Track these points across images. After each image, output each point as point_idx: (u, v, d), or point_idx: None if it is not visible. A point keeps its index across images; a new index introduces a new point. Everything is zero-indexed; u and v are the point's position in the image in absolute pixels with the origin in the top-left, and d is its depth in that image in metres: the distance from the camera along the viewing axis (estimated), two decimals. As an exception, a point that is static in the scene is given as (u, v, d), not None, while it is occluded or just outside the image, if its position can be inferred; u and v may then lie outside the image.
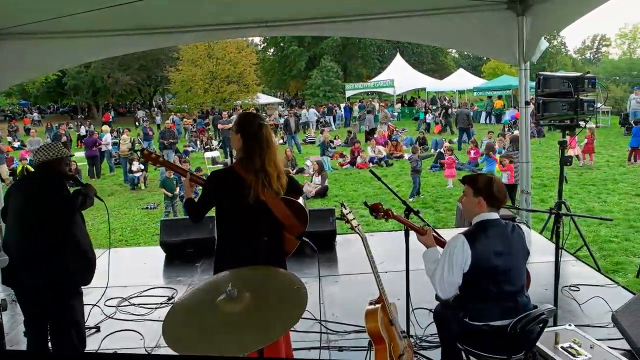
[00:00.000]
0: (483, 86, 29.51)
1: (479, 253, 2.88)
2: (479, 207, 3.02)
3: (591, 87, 6.00)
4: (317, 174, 11.78)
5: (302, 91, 47.02)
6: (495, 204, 3.02)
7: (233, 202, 3.11)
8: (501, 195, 3.01)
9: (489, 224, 2.99)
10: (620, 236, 7.41)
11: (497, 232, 2.98)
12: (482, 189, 3.01)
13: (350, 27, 6.76)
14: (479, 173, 3.26)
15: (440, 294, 2.98)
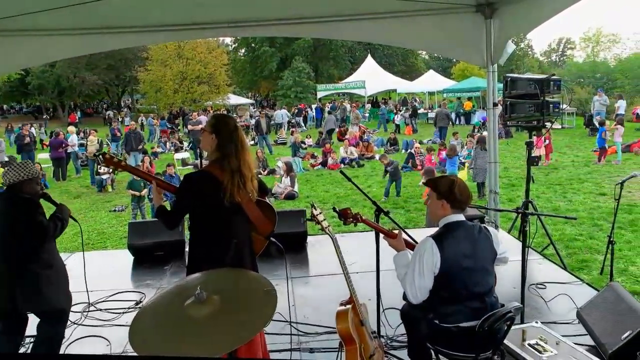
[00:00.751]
0: (453, 87, 29.92)
1: (448, 255, 2.89)
2: (443, 209, 3.04)
3: (556, 88, 6.13)
4: (286, 175, 11.73)
5: (273, 92, 46.83)
6: (458, 206, 3.03)
7: (208, 204, 3.09)
8: (464, 197, 3.02)
9: (456, 225, 3.01)
10: (585, 234, 7.59)
11: (464, 234, 3.00)
12: (444, 192, 3.02)
13: (321, 28, 6.76)
14: (441, 176, 3.28)
15: (412, 299, 2.97)
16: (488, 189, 6.41)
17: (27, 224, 3.44)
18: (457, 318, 2.93)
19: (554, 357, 3.29)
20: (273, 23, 6.34)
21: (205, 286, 2.23)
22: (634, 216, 8.46)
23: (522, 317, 3.96)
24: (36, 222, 3.46)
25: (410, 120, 25.48)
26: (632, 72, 30.11)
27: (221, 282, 2.49)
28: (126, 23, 6.09)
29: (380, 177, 13.25)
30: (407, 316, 3.24)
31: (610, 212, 5.95)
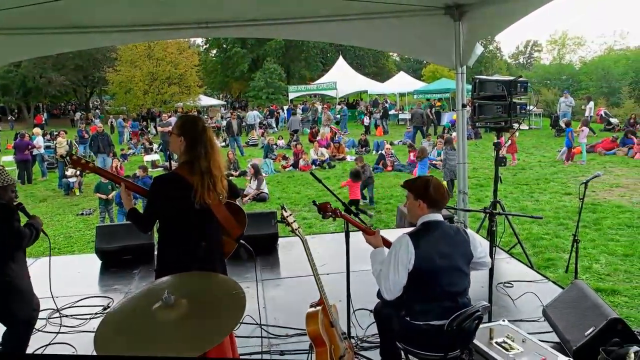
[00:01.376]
0: (423, 89, 30.24)
1: (423, 253, 2.92)
2: (420, 209, 3.08)
3: (523, 90, 6.26)
4: (254, 177, 11.64)
5: (244, 93, 46.59)
6: (435, 205, 3.07)
7: (178, 207, 3.05)
8: (439, 196, 3.06)
9: (434, 225, 3.05)
10: (551, 233, 7.75)
11: (442, 234, 3.03)
12: (420, 193, 3.07)
13: (293, 30, 6.75)
14: (417, 177, 3.32)
15: (386, 295, 2.99)
16: (457, 189, 6.49)
17: (2, 229, 3.35)
18: (428, 316, 2.96)
19: (520, 355, 3.34)
20: (244, 24, 6.29)
21: (173, 290, 2.20)
22: (598, 215, 8.70)
23: (490, 316, 4.02)
24: (13, 228, 3.37)
25: (381, 121, 25.68)
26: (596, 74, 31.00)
27: (190, 286, 2.47)
28: (94, 23, 5.95)
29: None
30: (379, 314, 3.26)
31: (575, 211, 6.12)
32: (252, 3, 5.81)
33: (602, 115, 22.08)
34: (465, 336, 2.99)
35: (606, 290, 5.59)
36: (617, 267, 6.28)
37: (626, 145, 15.79)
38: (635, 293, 5.52)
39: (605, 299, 5.26)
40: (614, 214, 8.76)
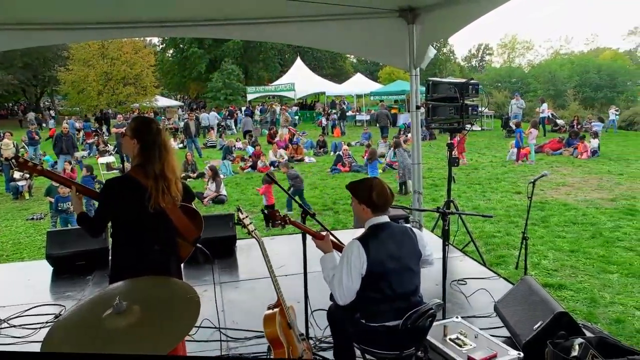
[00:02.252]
0: (379, 90, 30.68)
1: (374, 256, 2.94)
2: (365, 213, 3.10)
3: (475, 92, 6.45)
4: (212, 180, 11.51)
5: (202, 94, 46.00)
6: (379, 210, 3.08)
7: (132, 211, 2.99)
8: (382, 200, 3.06)
9: (381, 227, 3.07)
10: (503, 231, 8.01)
11: (389, 235, 3.05)
12: (362, 198, 3.08)
13: (251, 30, 6.69)
14: (361, 179, 3.33)
15: (340, 301, 2.99)
16: (412, 189, 6.62)
17: None
18: (383, 318, 2.98)
19: (473, 350, 3.43)
20: (202, 24, 6.20)
21: (126, 296, 2.16)
22: (546, 213, 9.04)
23: (444, 313, 4.11)
24: None
25: (339, 122, 25.88)
26: (543, 77, 32.20)
27: (143, 291, 2.43)
28: (45, 19, 5.71)
29: (309, 180, 13.35)
30: (333, 316, 3.26)
31: (524, 209, 6.35)
32: (209, 3, 5.74)
33: (549, 117, 22.91)
34: (419, 334, 3.05)
35: (554, 285, 5.82)
36: (564, 263, 6.54)
37: (571, 145, 16.57)
38: (580, 287, 5.77)
39: (553, 294, 5.49)
40: (561, 212, 9.13)
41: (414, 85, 6.58)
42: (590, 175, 12.82)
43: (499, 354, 3.40)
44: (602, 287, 5.77)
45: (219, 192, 11.37)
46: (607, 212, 9.09)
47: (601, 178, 12.44)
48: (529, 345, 3.58)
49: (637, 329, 4.77)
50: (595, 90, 29.76)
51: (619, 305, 5.31)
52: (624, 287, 5.77)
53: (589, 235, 7.71)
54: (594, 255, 6.78)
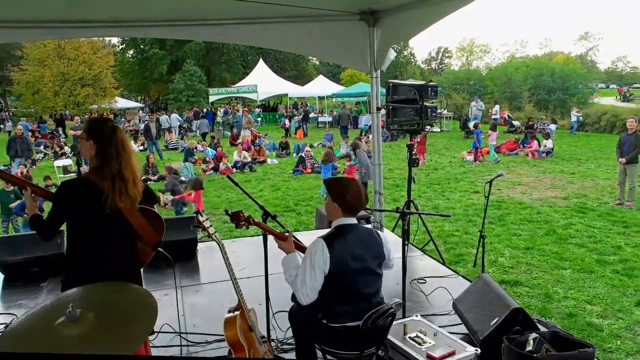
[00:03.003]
0: (341, 92, 30.87)
1: (337, 256, 2.95)
2: (336, 211, 3.11)
3: (434, 94, 6.57)
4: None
5: (164, 95, 45.27)
6: (350, 211, 3.11)
7: (87, 213, 2.91)
8: (356, 202, 3.08)
9: (347, 228, 3.09)
10: (461, 230, 8.19)
11: (355, 237, 3.07)
12: (336, 197, 3.09)
13: (212, 32, 6.61)
14: (341, 178, 3.36)
15: (303, 300, 2.99)
16: (373, 189, 6.68)
17: None
18: (344, 318, 3.00)
19: (432, 348, 3.50)
20: (162, 24, 6.05)
21: (79, 303, 2.10)
22: (503, 211, 9.30)
23: (404, 312, 4.17)
24: None
25: (302, 124, 25.95)
26: (500, 80, 33.05)
27: (98, 297, 2.36)
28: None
29: (272, 182, 13.33)
30: (295, 317, 3.26)
31: (482, 208, 6.49)
32: (170, 3, 5.63)
33: (506, 118, 23.57)
34: (379, 333, 3.09)
35: (510, 281, 5.99)
36: (520, 260, 6.74)
37: (526, 146, 17.13)
38: (535, 283, 5.96)
39: (509, 290, 5.65)
40: (517, 210, 9.41)
41: (375, 88, 6.65)
42: (544, 175, 13.27)
43: (457, 351, 3.47)
44: (555, 283, 5.97)
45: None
46: (560, 210, 9.42)
47: (555, 177, 12.89)
48: (486, 342, 3.65)
49: (588, 323, 4.96)
50: (549, 92, 30.74)
51: (572, 300, 5.51)
52: (576, 282, 5.99)
53: (543, 233, 7.97)
54: (548, 252, 7.02)
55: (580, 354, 3.14)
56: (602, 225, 8.39)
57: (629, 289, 5.77)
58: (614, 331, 4.80)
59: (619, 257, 6.80)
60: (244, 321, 3.19)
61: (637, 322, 4.97)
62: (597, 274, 6.23)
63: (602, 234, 7.90)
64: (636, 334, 4.75)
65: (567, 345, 3.27)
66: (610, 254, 6.96)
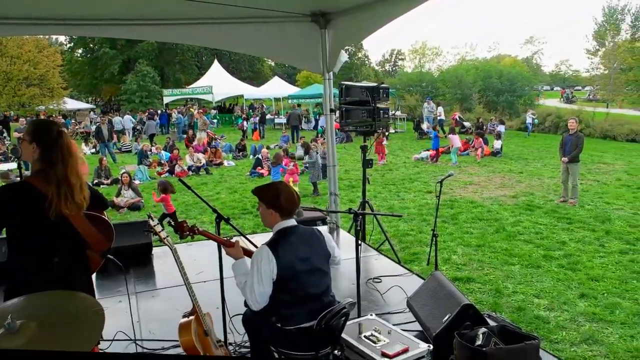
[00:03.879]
0: (297, 94, 30.92)
1: (284, 261, 2.96)
2: (273, 217, 3.11)
3: (386, 96, 6.70)
4: (127, 187, 11.07)
5: (116, 96, 44.14)
6: (287, 213, 3.12)
7: (29, 219, 2.80)
8: (290, 204, 3.10)
9: (289, 231, 3.10)
10: (416, 229, 8.35)
11: (298, 238, 3.09)
12: (270, 202, 3.10)
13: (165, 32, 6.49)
14: (267, 184, 3.36)
15: (253, 306, 3.00)
16: (328, 191, 6.74)
17: None
18: (297, 320, 3.02)
19: (386, 346, 3.57)
20: (112, 23, 5.85)
21: (20, 314, 2.01)
22: (455, 210, 9.55)
23: (359, 311, 4.22)
24: None
25: (258, 125, 25.84)
26: (451, 82, 33.84)
27: (41, 307, 2.24)
28: None
29: (229, 184, 13.22)
30: (249, 321, 3.26)
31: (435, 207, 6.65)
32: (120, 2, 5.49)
33: (457, 119, 24.18)
34: (334, 333, 3.12)
35: (462, 278, 6.16)
36: (472, 257, 6.94)
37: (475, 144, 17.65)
38: (486, 279, 6.15)
39: (462, 287, 5.82)
40: (468, 209, 9.67)
41: (328, 89, 6.71)
42: (494, 174, 13.71)
43: (410, 348, 3.57)
44: (505, 278, 6.18)
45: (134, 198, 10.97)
46: (509, 208, 9.76)
47: (504, 177, 13.34)
48: (438, 338, 3.72)
49: (536, 316, 5.15)
50: (498, 94, 31.72)
51: (520, 294, 5.71)
52: (524, 277, 6.22)
53: (493, 231, 8.23)
54: (498, 249, 7.25)
55: (527, 346, 3.25)
56: (548, 222, 8.73)
57: (573, 282, 6.03)
58: (559, 323, 5.00)
59: (564, 252, 7.10)
60: (199, 326, 3.17)
61: (581, 313, 5.20)
62: (543, 269, 6.48)
63: (548, 230, 8.23)
64: (580, 324, 4.96)
65: (514, 338, 3.38)
66: (555, 249, 7.25)
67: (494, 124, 21.96)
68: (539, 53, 62.24)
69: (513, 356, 3.22)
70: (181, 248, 6.71)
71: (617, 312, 5.20)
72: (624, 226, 8.39)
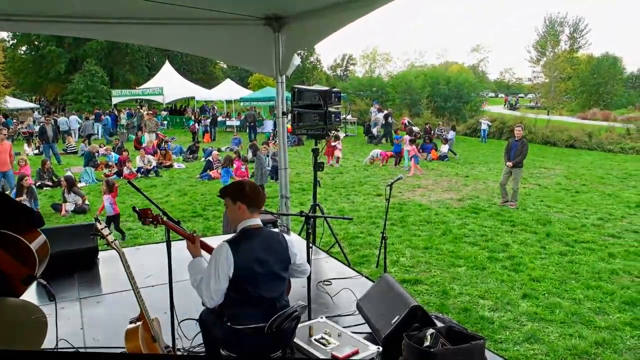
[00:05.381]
0: (249, 97, 30.74)
1: (242, 259, 2.96)
2: (241, 212, 3.10)
3: (337, 100, 6.76)
4: (68, 191, 10.68)
5: (62, 96, 42.52)
6: (255, 204, 3.12)
7: None
8: (257, 195, 3.14)
9: (253, 231, 3.10)
10: (365, 232, 8.47)
11: (260, 240, 3.09)
12: (237, 195, 3.10)
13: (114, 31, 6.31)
14: (230, 183, 3.38)
15: (208, 303, 2.98)
16: (279, 194, 6.74)
17: None
18: (249, 321, 3.01)
19: (336, 348, 3.60)
20: (57, 20, 5.60)
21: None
22: (404, 213, 9.75)
23: (310, 314, 4.24)
24: None
25: (210, 128, 25.55)
26: (400, 87, 34.55)
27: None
28: None
29: (179, 187, 13.01)
30: (203, 321, 3.24)
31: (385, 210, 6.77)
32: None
33: (406, 124, 24.70)
34: (285, 336, 3.13)
35: (410, 280, 6.29)
36: (419, 259, 7.10)
37: (425, 150, 18.18)
38: (434, 281, 6.30)
39: (410, 289, 5.95)
40: (417, 212, 9.90)
41: (280, 93, 6.71)
42: (441, 178, 14.09)
43: (360, 350, 3.60)
44: (452, 280, 6.35)
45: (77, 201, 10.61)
46: (456, 211, 10.05)
47: (451, 180, 13.74)
48: (388, 340, 3.78)
49: (481, 316, 5.32)
50: (445, 100, 32.65)
51: (466, 295, 5.89)
52: (470, 278, 6.41)
53: (440, 233, 8.45)
54: (444, 251, 7.45)
55: (472, 346, 3.35)
56: (492, 224, 9.04)
57: (516, 283, 6.27)
58: (503, 323, 5.19)
59: (508, 254, 7.37)
60: (146, 332, 3.12)
61: (523, 313, 5.41)
62: (488, 270, 6.70)
63: (492, 232, 8.52)
64: (522, 324, 5.17)
65: (460, 338, 3.47)
66: (499, 251, 7.52)
67: (442, 129, 22.55)
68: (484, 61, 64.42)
69: (460, 356, 3.30)
70: (130, 252, 6.53)
71: (557, 312, 5.44)
72: (564, 228, 8.79)
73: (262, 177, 11.84)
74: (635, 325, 5.14)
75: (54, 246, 5.69)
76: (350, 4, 4.96)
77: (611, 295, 5.90)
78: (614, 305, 5.64)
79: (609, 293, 5.95)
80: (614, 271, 6.70)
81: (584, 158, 19.29)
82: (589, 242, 7.98)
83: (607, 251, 7.53)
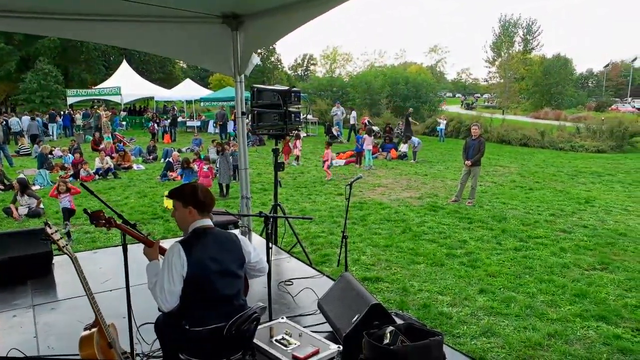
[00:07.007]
0: (209, 96, 30.44)
1: (195, 259, 2.94)
2: (191, 215, 3.10)
3: (297, 100, 6.77)
4: (21, 194, 10.31)
5: (13, 96, 40.96)
6: (205, 209, 3.12)
7: None
8: (208, 199, 3.14)
9: (204, 231, 3.09)
10: (327, 231, 8.50)
11: (212, 239, 3.08)
12: (189, 199, 3.09)
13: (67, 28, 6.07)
14: (180, 185, 3.34)
15: (163, 306, 2.93)
16: (240, 194, 6.69)
17: None
18: (207, 322, 2.98)
19: (297, 349, 3.61)
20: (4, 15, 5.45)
21: None
22: (364, 212, 9.84)
23: (271, 315, 4.25)
24: None
25: (170, 128, 25.17)
26: (361, 87, 34.87)
27: None
28: None
29: (138, 189, 12.75)
30: (159, 326, 3.18)
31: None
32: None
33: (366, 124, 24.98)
34: (245, 338, 3.11)
35: (371, 278, 6.35)
36: (380, 257, 7.18)
37: (385, 150, 18.43)
38: (394, 279, 6.39)
39: (371, 287, 6.01)
40: (377, 210, 10.01)
41: (239, 92, 6.65)
42: (401, 177, 14.31)
43: (321, 350, 3.63)
44: (411, 277, 6.45)
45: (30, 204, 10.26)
46: (415, 209, 10.21)
47: (410, 179, 13.96)
48: (348, 338, 3.81)
49: (440, 312, 5.43)
50: (404, 100, 33.13)
51: (426, 292, 5.99)
52: (429, 275, 6.53)
53: (400, 231, 8.56)
54: (404, 249, 7.56)
55: (431, 342, 3.41)
56: (450, 222, 9.23)
57: (473, 278, 6.42)
58: (461, 318, 5.30)
59: (465, 250, 7.54)
60: (102, 338, 3.06)
61: (480, 308, 5.55)
62: (447, 267, 6.84)
63: (450, 230, 8.70)
64: (479, 319, 5.29)
65: (420, 335, 3.52)
66: (457, 247, 7.68)
67: (401, 128, 22.83)
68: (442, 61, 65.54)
69: (418, 352, 3.35)
70: (86, 256, 6.40)
71: (512, 306, 5.60)
72: (518, 224, 9.06)
73: (227, 177, 11.77)
74: (585, 316, 5.34)
75: (6, 251, 5.52)
76: (307, 3, 4.97)
77: (562, 288, 6.11)
78: (565, 297, 5.85)
79: (560, 286, 6.16)
80: (565, 265, 6.94)
81: (537, 156, 19.89)
82: (542, 238, 8.24)
83: (558, 246, 7.80)
